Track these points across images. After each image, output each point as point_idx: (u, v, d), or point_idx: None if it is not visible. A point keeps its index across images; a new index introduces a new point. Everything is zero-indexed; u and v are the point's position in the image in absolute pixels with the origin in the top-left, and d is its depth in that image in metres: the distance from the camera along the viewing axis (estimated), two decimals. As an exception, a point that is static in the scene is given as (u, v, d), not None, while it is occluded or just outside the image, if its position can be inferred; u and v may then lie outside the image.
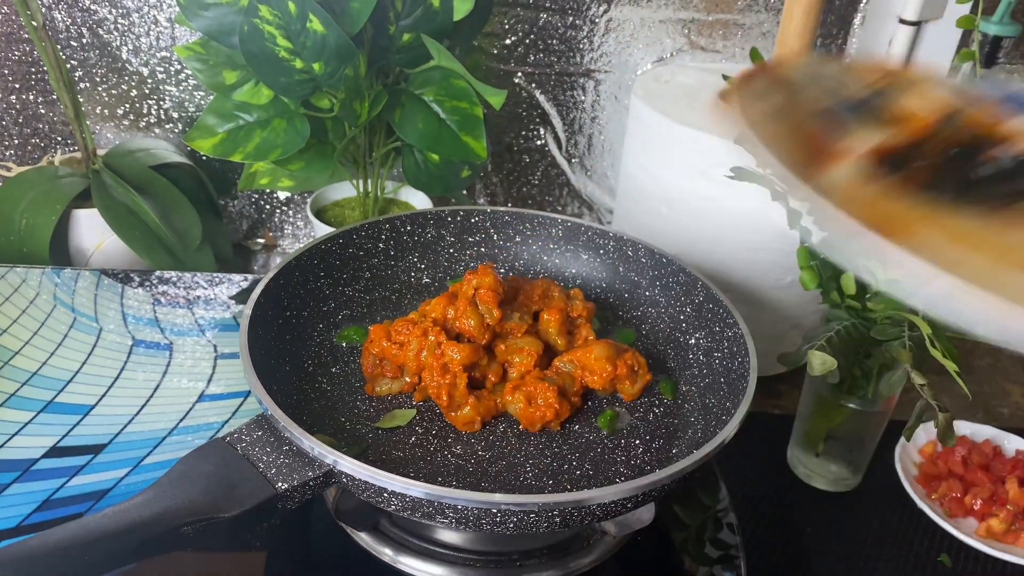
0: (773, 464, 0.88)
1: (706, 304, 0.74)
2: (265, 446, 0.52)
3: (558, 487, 0.59)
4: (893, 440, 0.86)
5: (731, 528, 0.71)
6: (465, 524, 0.51)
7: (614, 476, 0.61)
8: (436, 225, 0.83)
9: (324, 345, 0.72)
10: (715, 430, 0.59)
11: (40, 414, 0.75)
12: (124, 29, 1.14)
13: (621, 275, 0.82)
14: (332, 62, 0.89)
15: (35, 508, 0.66)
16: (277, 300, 0.69)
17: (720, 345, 0.70)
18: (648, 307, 0.80)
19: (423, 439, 0.63)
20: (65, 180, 1.08)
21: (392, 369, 0.67)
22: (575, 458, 0.63)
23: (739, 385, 0.63)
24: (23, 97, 1.18)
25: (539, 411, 0.63)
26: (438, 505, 0.50)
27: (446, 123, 0.99)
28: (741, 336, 0.67)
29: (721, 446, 0.56)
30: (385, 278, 0.80)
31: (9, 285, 0.91)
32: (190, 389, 0.80)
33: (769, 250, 0.90)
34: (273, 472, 0.50)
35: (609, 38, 1.17)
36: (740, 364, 0.65)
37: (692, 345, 0.74)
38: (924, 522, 0.80)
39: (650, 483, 0.51)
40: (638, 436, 0.66)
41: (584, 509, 0.51)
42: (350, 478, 0.51)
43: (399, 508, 0.52)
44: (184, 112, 1.21)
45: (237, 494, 0.48)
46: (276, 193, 1.28)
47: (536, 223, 0.85)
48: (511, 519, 0.50)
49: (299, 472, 0.51)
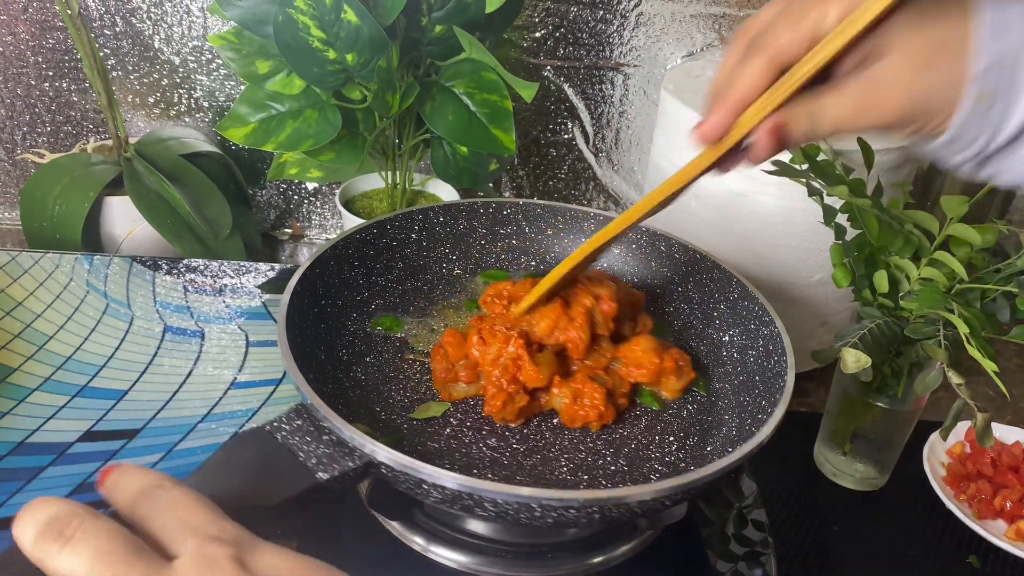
0: (800, 462, 0.88)
1: (741, 301, 0.74)
2: (305, 435, 0.52)
3: (593, 482, 0.60)
4: (921, 440, 0.86)
5: (758, 526, 0.71)
6: (503, 518, 0.51)
7: (649, 473, 0.61)
8: (468, 216, 0.83)
9: (358, 335, 0.72)
10: (751, 429, 0.60)
11: (75, 398, 0.76)
12: (157, 18, 1.15)
13: (653, 270, 0.82)
14: (365, 53, 0.89)
15: (71, 491, 0.67)
16: (313, 289, 0.70)
17: (755, 343, 0.70)
18: (681, 303, 0.80)
19: (457, 431, 0.63)
20: (98, 167, 1.09)
21: (469, 373, 0.66)
22: (609, 453, 0.63)
23: (775, 384, 0.63)
24: (56, 85, 1.19)
25: (583, 410, 0.63)
26: (477, 499, 0.50)
27: (476, 116, 0.99)
28: (777, 334, 0.67)
29: (760, 446, 0.55)
30: (417, 268, 0.80)
31: (43, 270, 0.92)
32: (221, 376, 0.80)
33: (799, 247, 0.90)
34: (314, 462, 0.50)
35: (639, 32, 1.16)
36: (776, 363, 0.65)
37: (726, 342, 0.74)
38: (952, 523, 0.80)
39: (690, 481, 0.51)
40: (672, 433, 0.66)
41: (623, 506, 0.51)
42: (390, 469, 0.51)
43: (437, 500, 0.52)
44: (214, 101, 1.21)
45: (278, 483, 0.48)
46: (304, 184, 1.28)
47: (568, 216, 0.85)
48: (551, 514, 0.50)
49: (339, 462, 0.51)
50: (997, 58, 0.43)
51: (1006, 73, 0.44)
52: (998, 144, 0.46)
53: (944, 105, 0.45)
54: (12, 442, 0.70)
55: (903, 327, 0.72)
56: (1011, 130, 0.45)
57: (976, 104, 0.44)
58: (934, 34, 0.45)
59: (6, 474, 0.68)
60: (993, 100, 0.44)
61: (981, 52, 0.43)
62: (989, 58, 0.43)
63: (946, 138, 0.46)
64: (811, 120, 0.48)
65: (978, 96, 0.44)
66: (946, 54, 0.45)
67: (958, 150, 0.47)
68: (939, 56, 0.45)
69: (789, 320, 0.92)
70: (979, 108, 0.44)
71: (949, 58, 0.44)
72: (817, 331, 0.98)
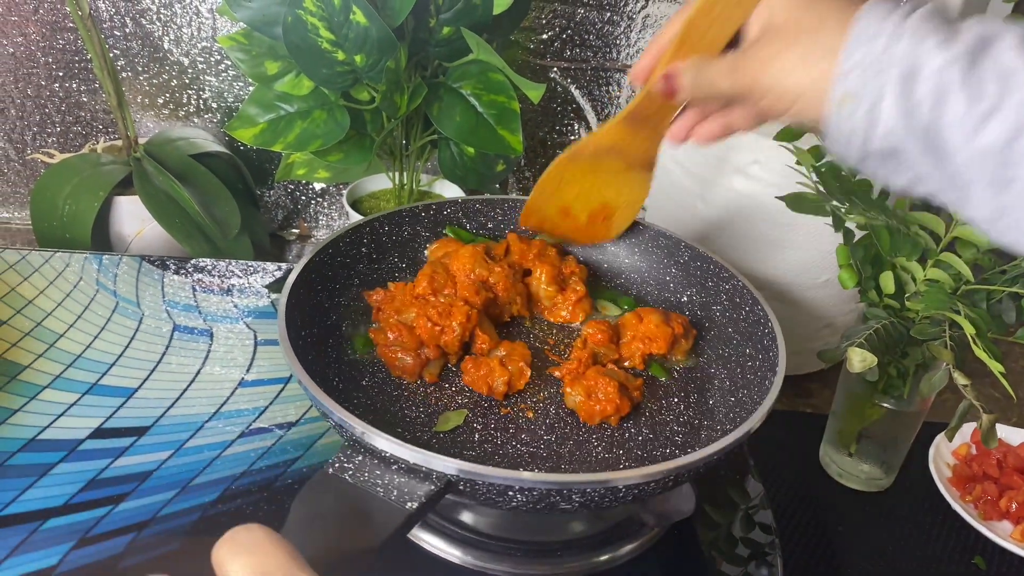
0: (805, 463, 0.88)
1: (734, 297, 0.74)
2: (374, 470, 0.51)
3: (630, 455, 0.62)
4: (926, 441, 0.86)
5: (765, 528, 0.72)
6: (587, 506, 0.53)
7: (672, 435, 0.65)
8: (411, 222, 0.82)
9: (343, 361, 0.69)
10: (740, 420, 0.61)
11: (85, 395, 0.76)
12: (166, 19, 1.16)
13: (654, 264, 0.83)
14: (374, 54, 0.90)
15: (81, 487, 0.67)
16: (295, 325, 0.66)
17: (753, 339, 0.70)
18: (679, 296, 0.80)
19: (486, 435, 0.63)
20: (107, 167, 1.09)
21: (414, 347, 0.67)
22: (630, 424, 0.65)
23: (766, 384, 0.63)
24: (66, 85, 1.20)
25: (599, 404, 0.64)
26: (566, 493, 0.50)
27: (483, 117, 0.99)
28: (772, 332, 0.67)
29: (747, 435, 0.57)
30: (373, 282, 0.78)
31: (53, 269, 0.92)
32: (230, 375, 0.81)
33: (805, 248, 0.90)
34: (396, 495, 0.49)
35: (646, 34, 1.17)
36: (771, 357, 0.66)
37: (725, 338, 0.74)
38: (958, 524, 0.81)
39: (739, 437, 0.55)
40: (678, 395, 0.70)
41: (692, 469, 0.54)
42: (472, 483, 0.50)
43: (521, 503, 0.52)
44: (223, 102, 1.22)
45: (371, 525, 0.47)
46: (311, 184, 1.29)
47: (507, 207, 0.85)
48: (633, 491, 0.53)
49: (421, 487, 0.50)
50: (860, 62, 0.45)
51: (869, 77, 0.44)
52: (876, 147, 0.46)
53: (809, 95, 0.47)
54: (23, 439, 0.71)
55: (909, 328, 0.72)
56: (881, 134, 0.45)
57: (840, 105, 0.46)
58: (810, 22, 0.48)
59: (17, 470, 0.68)
60: (857, 103, 0.45)
61: (848, 54, 0.45)
62: (852, 61, 0.45)
63: (828, 133, 0.48)
64: (696, 71, 0.55)
65: (842, 97, 0.45)
66: (815, 46, 0.47)
67: (842, 148, 0.48)
68: (806, 44, 0.48)
69: (794, 322, 0.93)
70: (845, 109, 0.46)
71: (817, 51, 0.47)
72: (822, 332, 0.98)
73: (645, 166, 0.73)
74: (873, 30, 0.45)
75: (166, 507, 0.66)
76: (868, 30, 0.45)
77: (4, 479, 0.67)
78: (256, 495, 0.68)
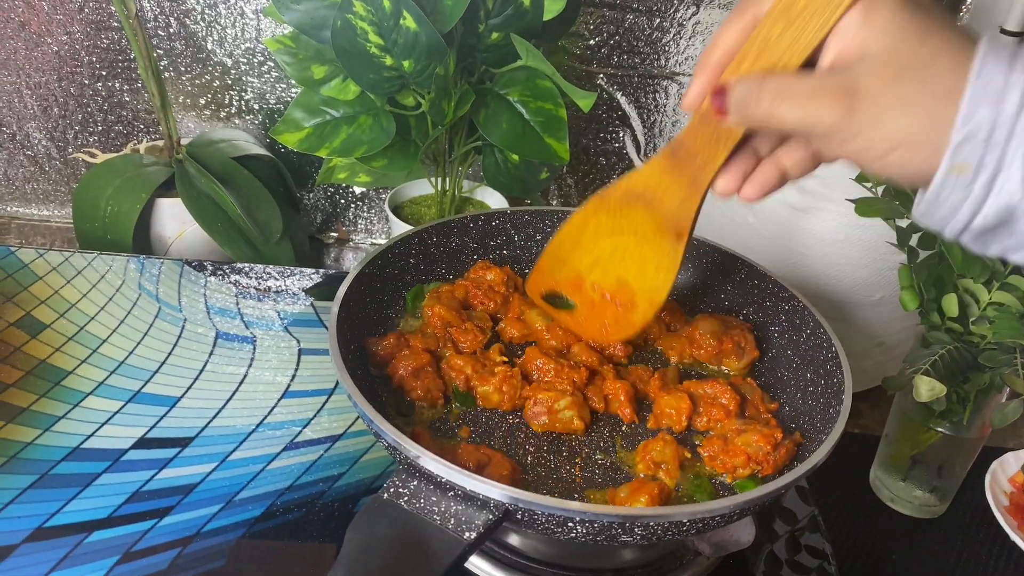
0: (855, 487, 0.86)
1: (794, 318, 0.72)
2: (430, 496, 0.49)
3: None
4: (982, 467, 0.83)
5: (815, 552, 0.70)
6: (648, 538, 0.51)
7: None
8: (459, 233, 0.79)
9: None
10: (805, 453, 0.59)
11: (128, 403, 0.76)
12: (211, 20, 1.15)
13: (708, 281, 0.81)
14: (422, 60, 0.89)
15: (125, 499, 0.66)
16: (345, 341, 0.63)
17: (815, 364, 0.68)
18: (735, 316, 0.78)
19: (537, 458, 0.60)
20: (150, 168, 1.09)
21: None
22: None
23: (831, 412, 0.61)
24: (109, 84, 1.20)
25: None
26: (628, 526, 0.48)
27: (530, 124, 0.98)
28: (837, 357, 0.65)
29: (814, 468, 0.54)
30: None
31: (96, 272, 0.92)
32: (274, 384, 0.80)
33: (859, 265, 0.88)
34: (452, 523, 0.48)
35: (696, 41, 1.15)
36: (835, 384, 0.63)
37: (784, 361, 0.72)
38: (1016, 555, 0.78)
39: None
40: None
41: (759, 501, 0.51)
42: (531, 513, 0.48)
43: (580, 535, 0.50)
44: (264, 104, 1.21)
45: (429, 556, 0.46)
46: (351, 188, 1.28)
47: (556, 219, 0.83)
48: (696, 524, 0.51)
49: (478, 516, 0.48)
50: (983, 123, 0.37)
51: (995, 144, 0.37)
52: (981, 223, 0.39)
53: (913, 145, 0.39)
54: (67, 447, 0.70)
55: (976, 354, 0.70)
56: (995, 208, 0.38)
57: (952, 171, 0.38)
58: (920, 57, 0.39)
59: (62, 480, 0.67)
60: (974, 173, 0.38)
61: (968, 113, 0.37)
62: (975, 122, 0.37)
63: (925, 198, 0.40)
64: (750, 88, 0.44)
65: (959, 165, 0.38)
66: (924, 86, 0.39)
67: (938, 217, 0.41)
68: (914, 83, 0.39)
69: (846, 339, 0.90)
70: (960, 177, 0.38)
71: (928, 93, 0.39)
72: (874, 351, 0.95)
73: (676, 232, 0.58)
74: (998, 83, 0.37)
75: (210, 522, 0.65)
76: (993, 83, 0.37)
77: (49, 488, 0.67)
78: (301, 511, 0.67)
